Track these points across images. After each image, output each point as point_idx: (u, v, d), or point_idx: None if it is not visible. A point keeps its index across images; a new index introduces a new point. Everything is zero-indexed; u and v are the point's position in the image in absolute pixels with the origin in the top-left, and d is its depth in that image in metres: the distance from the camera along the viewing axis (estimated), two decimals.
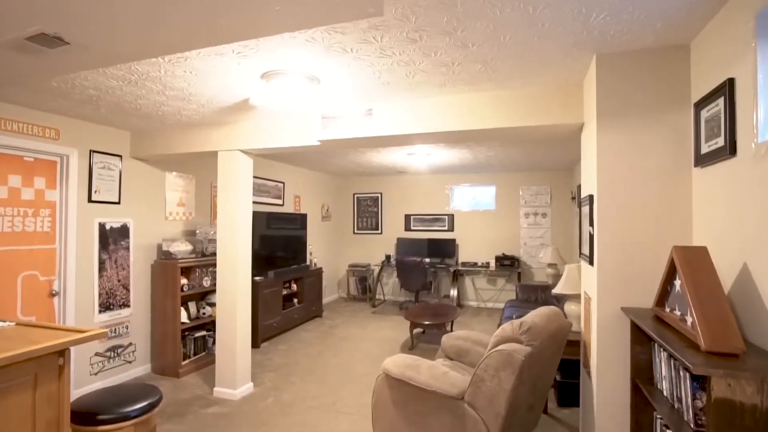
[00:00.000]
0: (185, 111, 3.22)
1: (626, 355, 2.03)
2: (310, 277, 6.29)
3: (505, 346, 2.12)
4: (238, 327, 3.54)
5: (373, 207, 8.12)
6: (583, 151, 2.56)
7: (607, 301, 2.06)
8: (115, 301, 3.84)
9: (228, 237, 3.58)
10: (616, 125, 2.08)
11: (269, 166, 6.05)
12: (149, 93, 2.78)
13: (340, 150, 5.04)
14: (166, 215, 4.37)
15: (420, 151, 5.19)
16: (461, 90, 2.70)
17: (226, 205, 3.59)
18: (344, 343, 5.12)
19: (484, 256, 7.37)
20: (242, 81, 2.54)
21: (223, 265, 3.58)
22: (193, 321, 4.25)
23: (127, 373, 3.95)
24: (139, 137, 3.96)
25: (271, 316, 5.24)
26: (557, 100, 2.59)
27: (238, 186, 3.57)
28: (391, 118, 2.94)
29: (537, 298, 5.66)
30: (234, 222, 3.56)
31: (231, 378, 3.54)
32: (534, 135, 2.86)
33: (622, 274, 2.05)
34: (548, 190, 7.08)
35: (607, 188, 2.08)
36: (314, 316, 6.41)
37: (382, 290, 8.00)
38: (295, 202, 6.74)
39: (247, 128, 3.51)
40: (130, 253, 3.98)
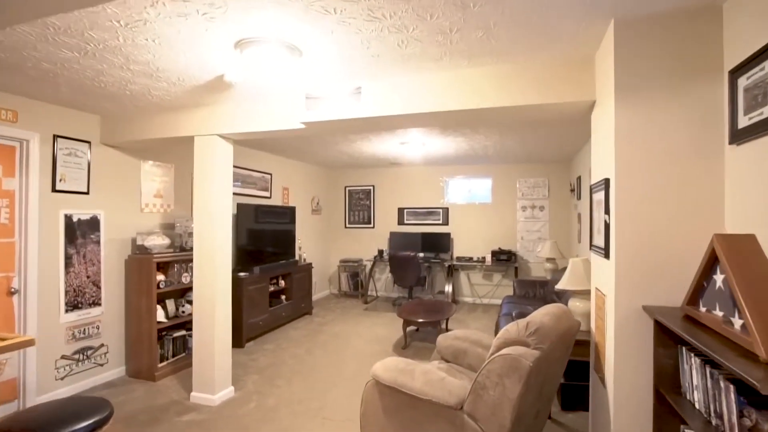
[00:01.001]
0: (156, 90, 2.92)
1: (648, 360, 1.79)
2: (299, 272, 6.02)
3: (511, 350, 1.88)
4: (216, 327, 3.27)
5: (365, 200, 7.85)
6: (595, 133, 2.31)
7: (626, 299, 1.82)
8: (84, 300, 3.54)
9: (205, 230, 3.29)
10: (636, 100, 1.83)
11: (256, 157, 5.75)
12: (111, 68, 2.49)
13: (327, 136, 4.75)
14: (142, 207, 4.07)
15: (414, 139, 4.92)
16: (459, 64, 2.44)
17: (204, 195, 3.30)
18: (334, 342, 4.87)
19: (480, 250, 7.14)
20: (214, 51, 2.25)
21: (201, 261, 3.30)
22: (172, 320, 3.97)
23: (98, 376, 3.67)
24: (109, 122, 3.65)
25: (257, 314, 4.96)
26: (566, 75, 2.33)
27: (217, 174, 3.29)
28: (382, 98, 2.67)
29: (535, 293, 5.44)
30: (212, 214, 3.27)
31: (209, 382, 3.27)
32: (539, 115, 2.60)
33: (642, 267, 1.80)
34: (546, 183, 6.85)
35: (626, 171, 1.83)
36: (303, 313, 6.14)
37: (374, 286, 7.75)
38: (284, 194, 6.45)
39: (225, 111, 3.22)
40: (100, 247, 3.68)
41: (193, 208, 3.34)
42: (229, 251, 3.42)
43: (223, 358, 3.34)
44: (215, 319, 3.26)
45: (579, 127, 4.17)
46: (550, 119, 2.62)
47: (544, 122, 3.77)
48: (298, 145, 5.41)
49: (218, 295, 3.28)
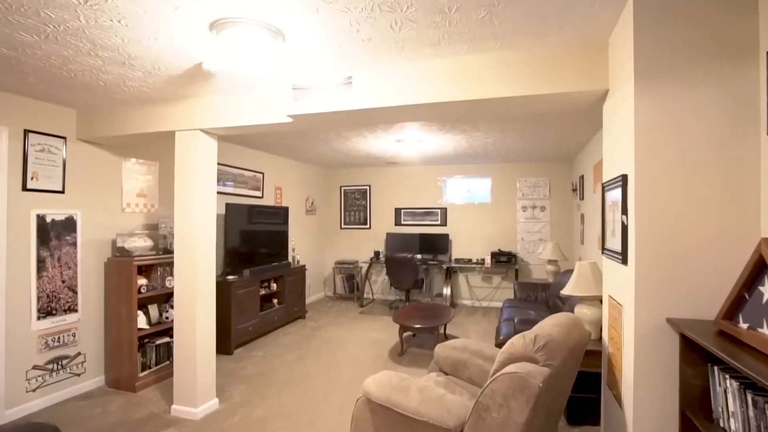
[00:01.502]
0: (131, 81, 2.71)
1: (672, 379, 1.59)
2: (292, 275, 5.80)
3: (517, 367, 1.67)
4: (198, 335, 3.05)
5: (361, 200, 7.64)
6: (608, 125, 2.11)
7: (648, 310, 1.61)
8: (58, 306, 3.32)
9: (187, 232, 3.08)
10: (658, 87, 1.63)
11: (247, 155, 5.53)
12: (78, 54, 2.27)
13: (319, 133, 4.54)
14: (123, 207, 3.85)
15: (410, 136, 4.71)
16: (459, 50, 2.23)
17: (185, 194, 3.08)
18: (328, 348, 4.65)
19: (479, 252, 6.94)
20: (187, 34, 2.04)
21: (182, 264, 3.09)
22: (154, 326, 3.75)
23: (75, 387, 3.44)
24: (86, 116, 3.43)
25: (247, 319, 4.74)
26: (575, 62, 2.13)
27: (199, 172, 3.07)
28: (375, 88, 2.46)
29: (537, 297, 5.24)
30: (194, 215, 3.06)
31: (191, 394, 3.05)
32: (545, 107, 2.40)
33: (666, 275, 1.60)
34: (547, 182, 6.65)
35: (647, 166, 1.62)
36: (296, 317, 5.93)
37: (370, 288, 7.54)
38: (276, 194, 6.23)
39: (207, 105, 3.01)
40: (77, 249, 3.46)
41: (175, 209, 3.12)
42: (212, 254, 3.20)
43: (206, 369, 3.12)
44: (197, 327, 3.04)
45: (584, 122, 3.97)
46: (558, 111, 2.41)
47: (550, 115, 3.55)
48: (289, 143, 5.20)
49: (201, 300, 3.07)
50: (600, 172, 4.19)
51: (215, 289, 3.25)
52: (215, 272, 3.37)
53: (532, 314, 4.37)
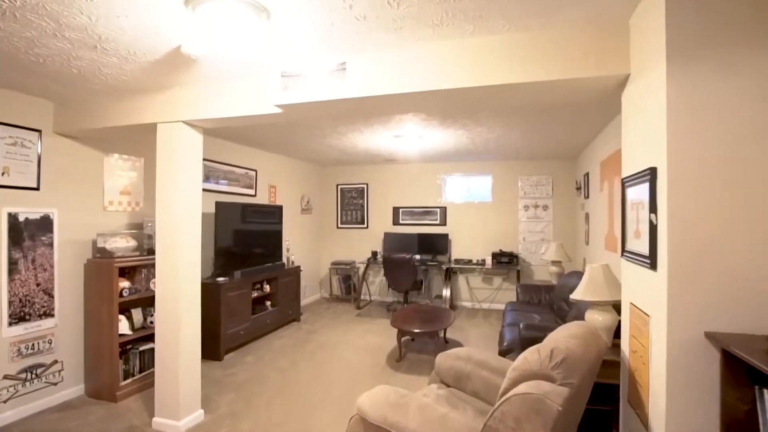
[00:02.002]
0: (106, 68, 2.49)
1: (712, 402, 1.39)
2: (287, 276, 5.59)
3: (532, 387, 1.46)
4: (182, 342, 2.84)
5: (358, 199, 7.43)
6: (629, 114, 1.91)
7: (682, 322, 1.41)
8: (32, 311, 3.10)
9: (169, 231, 2.86)
10: (694, 69, 1.43)
11: (239, 152, 5.32)
12: (43, 35, 2.05)
13: (312, 127, 4.32)
14: (105, 205, 3.64)
15: (409, 132, 4.50)
16: (463, 32, 2.02)
17: (167, 191, 2.87)
18: (322, 353, 4.44)
19: (480, 252, 6.73)
20: (160, 11, 1.83)
21: (163, 266, 2.87)
22: (138, 332, 3.53)
23: (51, 397, 3.23)
24: (63, 108, 3.22)
25: (238, 323, 4.53)
26: (592, 45, 1.92)
27: (183, 167, 2.86)
28: (371, 75, 2.25)
29: (540, 299, 5.04)
30: (177, 213, 2.84)
31: (173, 405, 2.84)
32: (557, 95, 2.19)
33: (705, 282, 1.39)
34: (550, 180, 6.45)
35: (682, 158, 1.42)
36: (291, 320, 5.72)
37: (368, 290, 7.33)
38: (270, 192, 6.02)
39: (190, 95, 2.79)
40: (53, 250, 3.24)
41: (156, 207, 2.90)
42: (197, 255, 2.99)
43: (189, 378, 2.91)
44: (180, 333, 2.83)
45: (592, 116, 3.77)
46: (570, 100, 2.21)
47: (561, 105, 3.29)
48: (283, 139, 4.98)
49: (184, 305, 2.85)
50: (608, 169, 4.00)
51: (202, 292, 3.05)
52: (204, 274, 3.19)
53: (537, 318, 4.18)
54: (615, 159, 3.80)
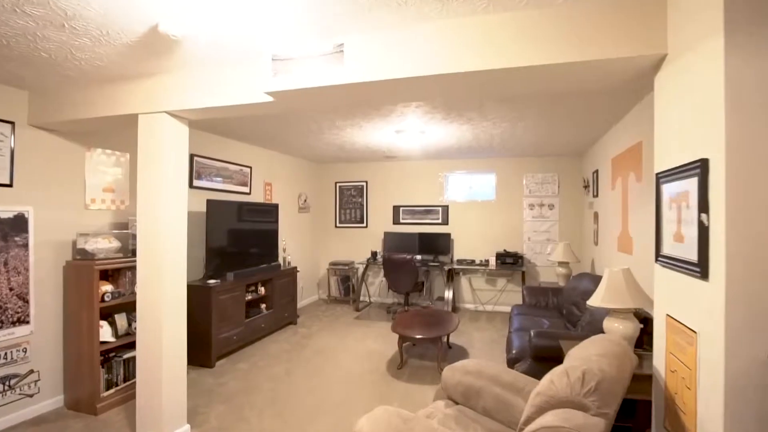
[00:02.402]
0: (79, 51, 2.25)
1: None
2: (282, 277, 5.36)
3: (562, 418, 1.24)
4: (165, 352, 2.61)
5: (357, 197, 7.20)
6: (665, 99, 1.68)
7: (745, 344, 1.18)
8: (5, 317, 2.87)
9: (150, 232, 2.63)
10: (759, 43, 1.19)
11: (232, 147, 5.08)
12: (1, 11, 1.82)
13: (306, 116, 4.07)
14: (87, 203, 3.41)
15: (411, 126, 4.27)
16: (474, 8, 1.79)
17: (149, 188, 2.64)
18: (319, 359, 4.22)
19: (483, 252, 6.51)
20: None
21: (145, 270, 2.64)
22: (122, 338, 3.31)
23: (27, 410, 3.00)
24: (39, 99, 2.98)
25: (231, 327, 4.30)
26: (621, 22, 1.69)
27: (166, 162, 2.63)
28: (371, 58, 2.01)
29: (548, 302, 4.82)
30: (160, 211, 2.61)
31: (156, 419, 2.61)
32: (579, 79, 1.96)
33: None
34: (556, 178, 6.22)
35: (744, 148, 1.19)
36: (287, 323, 5.49)
37: (367, 291, 7.10)
38: (266, 190, 5.78)
39: (174, 83, 2.56)
40: (29, 252, 3.01)
41: (138, 205, 2.67)
42: (182, 256, 2.77)
43: (174, 390, 2.68)
44: (163, 342, 2.60)
45: (606, 108, 3.54)
46: (592, 86, 1.98)
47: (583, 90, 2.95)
48: (277, 134, 4.74)
49: (167, 311, 2.63)
50: (621, 166, 3.77)
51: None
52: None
53: (546, 323, 3.95)
54: (630, 155, 3.58)
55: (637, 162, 3.37)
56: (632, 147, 3.52)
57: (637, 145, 3.39)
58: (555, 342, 2.97)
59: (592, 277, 4.04)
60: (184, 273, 2.78)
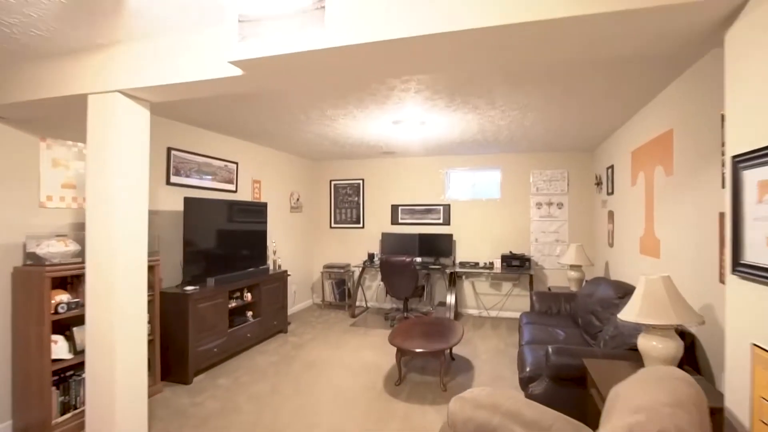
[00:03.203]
0: (7, 16, 1.85)
1: None
2: (271, 282, 4.95)
3: None
4: (119, 378, 2.20)
5: (353, 196, 6.79)
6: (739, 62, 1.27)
7: None
8: None
9: (101, 236, 2.23)
10: None
11: (215, 141, 4.67)
12: None
13: (290, 102, 3.65)
14: (42, 201, 3.00)
15: (410, 116, 3.87)
16: None
17: (99, 184, 2.24)
18: (309, 374, 3.80)
19: (487, 254, 6.10)
20: None
21: (95, 279, 2.24)
22: (81, 355, 2.89)
23: None
24: None
25: (212, 338, 3.89)
26: None
27: (122, 152, 2.22)
28: (359, 15, 1.61)
29: (560, 309, 4.41)
30: (113, 211, 2.21)
31: None
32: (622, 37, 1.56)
33: None
34: (565, 175, 5.82)
35: None
36: (276, 331, 5.08)
37: (363, 295, 6.69)
38: (254, 188, 5.37)
39: (128, 56, 2.15)
40: None
41: (87, 203, 2.27)
42: (141, 265, 2.36)
43: (130, 419, 2.27)
44: (116, 366, 2.19)
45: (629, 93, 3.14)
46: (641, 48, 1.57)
47: (623, 59, 2.46)
48: (264, 126, 4.33)
49: (122, 329, 2.22)
50: (644, 159, 3.34)
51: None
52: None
53: (561, 335, 3.55)
54: (657, 145, 3.17)
55: (667, 153, 2.97)
56: (660, 136, 3.12)
57: (666, 134, 2.99)
58: (577, 360, 2.56)
59: (609, 283, 3.64)
60: (143, 284, 2.37)
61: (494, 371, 3.85)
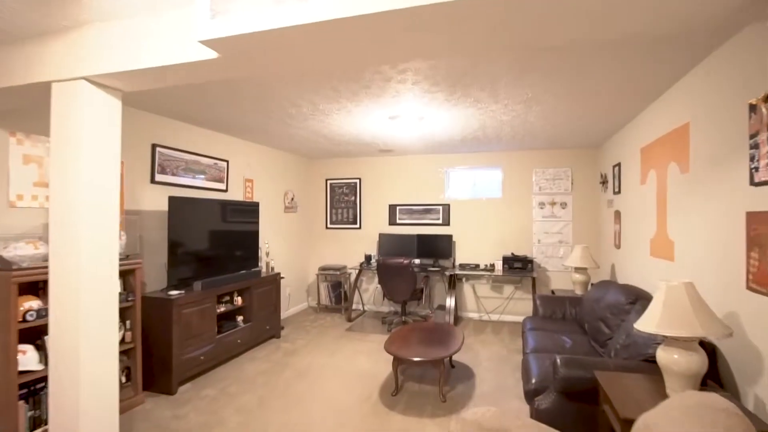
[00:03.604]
0: None
1: None
2: (263, 285, 4.74)
3: None
4: (83, 395, 2.00)
5: (349, 195, 6.58)
6: None
7: None
8: None
9: (65, 236, 2.02)
10: None
11: (204, 137, 4.46)
12: None
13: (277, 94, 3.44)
14: (12, 200, 2.79)
15: (408, 111, 3.66)
16: None
17: (64, 180, 2.03)
18: (301, 384, 3.59)
19: (488, 256, 5.90)
20: None
21: (58, 285, 2.03)
22: None
23: None
24: None
25: (198, 346, 3.68)
26: None
27: (88, 146, 2.02)
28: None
29: (564, 314, 4.21)
30: (76, 212, 2.00)
31: None
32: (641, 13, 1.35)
33: None
34: (569, 174, 5.62)
35: None
36: (269, 336, 4.87)
37: (360, 299, 6.49)
38: (246, 187, 5.16)
39: (94, 40, 1.95)
40: None
41: (50, 202, 2.06)
42: (112, 267, 2.15)
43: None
44: (81, 382, 1.98)
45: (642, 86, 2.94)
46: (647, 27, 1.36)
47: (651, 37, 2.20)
48: (253, 122, 4.12)
49: (88, 339, 2.02)
50: (656, 156, 3.10)
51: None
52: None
53: (568, 342, 3.34)
54: (671, 141, 2.97)
55: (683, 149, 2.77)
56: (674, 131, 2.91)
57: (682, 129, 2.79)
58: (588, 373, 2.36)
59: (618, 287, 3.44)
60: (114, 289, 2.17)
61: (497, 380, 3.65)
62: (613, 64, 2.53)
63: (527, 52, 2.36)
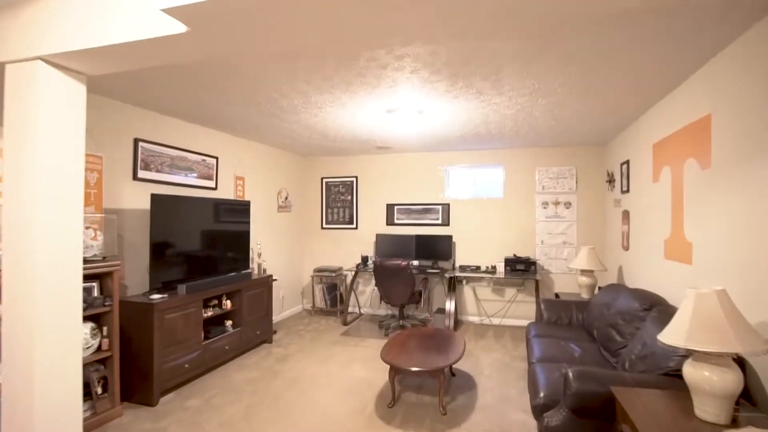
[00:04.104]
0: None
1: None
2: (254, 288, 4.51)
3: None
4: (38, 413, 1.77)
5: (346, 195, 6.36)
6: None
7: None
8: None
9: (19, 237, 1.79)
10: None
11: (191, 132, 4.24)
12: None
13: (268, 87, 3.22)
14: None
15: (406, 104, 3.45)
16: None
17: (18, 172, 1.80)
18: (291, 393, 3.37)
19: (489, 257, 5.68)
20: None
21: (10, 291, 1.80)
22: None
23: None
24: None
25: (182, 353, 3.46)
26: None
27: (46, 136, 1.79)
28: None
29: (571, 319, 3.99)
30: (34, 209, 1.78)
31: None
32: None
33: None
34: (573, 173, 5.41)
35: None
36: (260, 341, 4.65)
37: (357, 301, 6.26)
38: (237, 185, 4.94)
39: (50, 14, 1.73)
40: None
41: (2, 198, 1.84)
42: (75, 270, 1.93)
43: None
44: (34, 403, 1.76)
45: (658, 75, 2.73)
46: None
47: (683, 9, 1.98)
48: (242, 115, 3.89)
49: (44, 351, 1.79)
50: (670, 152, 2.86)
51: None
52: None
53: (577, 351, 3.13)
54: (689, 135, 2.76)
55: (703, 143, 2.56)
56: (693, 124, 2.70)
57: (702, 121, 2.58)
58: (603, 387, 2.14)
59: (630, 291, 3.23)
60: (79, 295, 1.94)
61: (500, 390, 3.43)
62: (628, 51, 2.31)
63: (535, 39, 2.14)
